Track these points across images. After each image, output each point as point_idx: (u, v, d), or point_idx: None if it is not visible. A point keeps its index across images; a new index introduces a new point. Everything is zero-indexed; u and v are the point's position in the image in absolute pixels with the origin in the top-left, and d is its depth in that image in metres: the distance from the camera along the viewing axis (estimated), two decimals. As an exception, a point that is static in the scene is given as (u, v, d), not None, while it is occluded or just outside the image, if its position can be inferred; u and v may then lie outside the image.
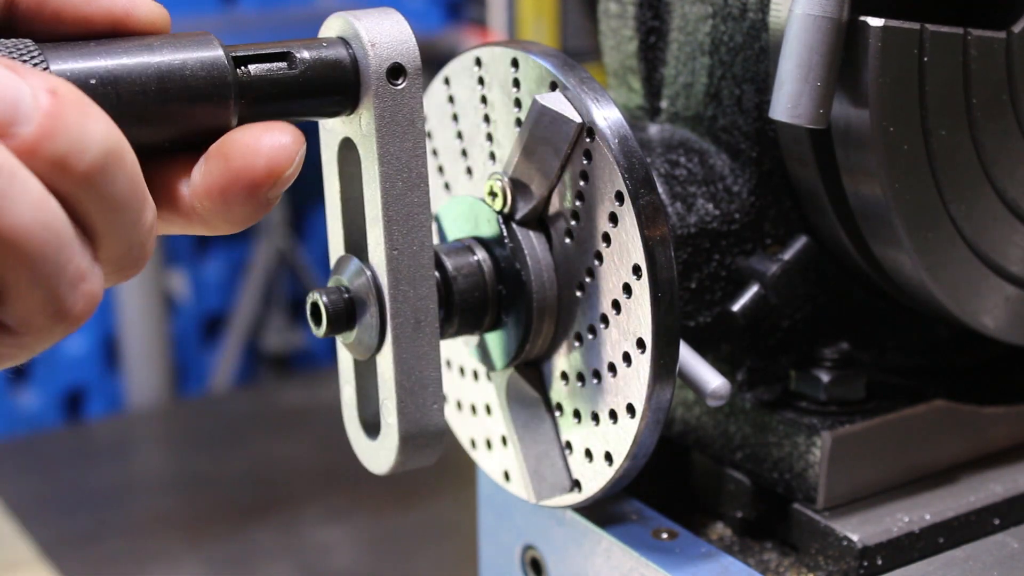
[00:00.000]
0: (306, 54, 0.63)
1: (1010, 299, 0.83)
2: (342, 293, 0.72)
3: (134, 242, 0.54)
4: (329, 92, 0.64)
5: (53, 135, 0.49)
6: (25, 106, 0.48)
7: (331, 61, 0.64)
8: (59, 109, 0.49)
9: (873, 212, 0.78)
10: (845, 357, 0.83)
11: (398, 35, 0.65)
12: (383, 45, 0.64)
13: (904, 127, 0.75)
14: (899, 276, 0.81)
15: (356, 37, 0.64)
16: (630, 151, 0.71)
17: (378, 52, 0.64)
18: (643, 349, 0.71)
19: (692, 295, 0.81)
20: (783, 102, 0.73)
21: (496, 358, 0.79)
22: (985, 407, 0.86)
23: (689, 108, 0.85)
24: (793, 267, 0.80)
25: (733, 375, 0.84)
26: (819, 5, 0.72)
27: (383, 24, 0.65)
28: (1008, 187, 0.80)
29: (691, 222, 0.81)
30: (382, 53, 0.64)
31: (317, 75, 0.63)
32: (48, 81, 0.50)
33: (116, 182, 0.51)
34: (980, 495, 0.83)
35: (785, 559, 0.82)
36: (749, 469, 0.84)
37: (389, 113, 0.65)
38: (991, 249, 0.81)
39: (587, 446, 0.76)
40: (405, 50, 0.65)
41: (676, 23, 0.85)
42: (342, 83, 0.64)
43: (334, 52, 0.64)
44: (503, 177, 0.76)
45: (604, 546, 0.80)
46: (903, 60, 0.74)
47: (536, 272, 0.75)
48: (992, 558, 0.80)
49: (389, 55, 0.65)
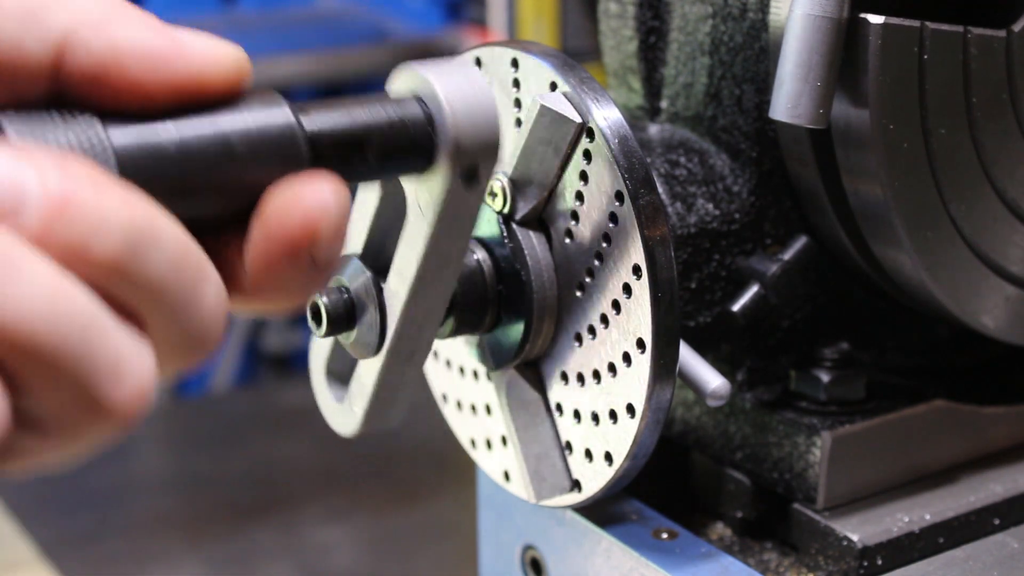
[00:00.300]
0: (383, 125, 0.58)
1: (1010, 299, 0.83)
2: (342, 293, 0.72)
3: (191, 323, 0.48)
4: (401, 164, 0.59)
5: (63, 219, 0.44)
6: (30, 189, 0.44)
7: (407, 136, 0.58)
8: (69, 189, 0.44)
9: (873, 212, 0.78)
10: (845, 357, 0.83)
11: (484, 126, 0.58)
12: (467, 138, 0.58)
13: (904, 126, 0.75)
14: (899, 276, 0.81)
15: (440, 117, 0.58)
16: (630, 151, 0.71)
17: (461, 148, 0.58)
18: (643, 349, 0.71)
19: (692, 295, 0.81)
20: (783, 102, 0.73)
21: (496, 358, 0.79)
22: (985, 407, 0.86)
23: (689, 108, 0.85)
24: (793, 267, 0.80)
25: (733, 375, 0.84)
26: (819, 5, 0.72)
27: (470, 108, 0.58)
28: (1008, 187, 0.80)
29: (691, 222, 0.81)
30: (464, 146, 0.58)
31: (393, 147, 0.58)
32: (58, 159, 0.45)
33: (150, 263, 0.46)
34: (980, 495, 0.83)
35: (785, 559, 0.82)
36: (749, 469, 0.84)
37: (452, 213, 0.61)
38: (991, 249, 0.81)
39: (587, 446, 0.76)
40: (486, 147, 0.59)
41: (676, 23, 0.85)
42: (415, 160, 0.59)
43: (412, 122, 0.58)
44: (503, 177, 0.76)
45: (604, 546, 0.80)
46: (903, 58, 0.74)
47: (536, 272, 0.75)
48: (992, 558, 0.80)
49: (471, 150, 0.58)
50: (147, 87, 0.50)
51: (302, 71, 3.02)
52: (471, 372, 0.85)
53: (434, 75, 0.58)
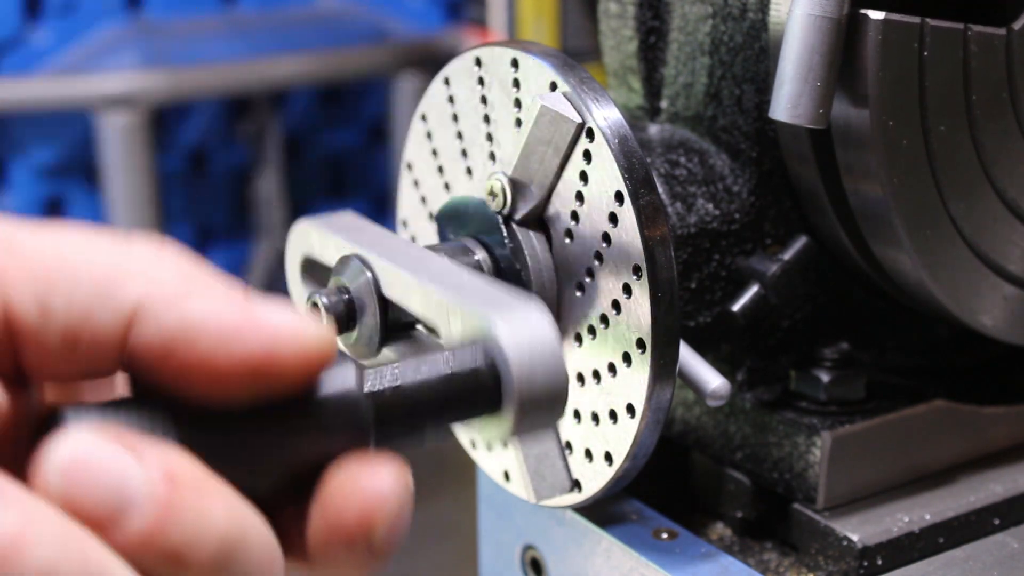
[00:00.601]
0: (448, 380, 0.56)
1: (1009, 298, 0.83)
2: (342, 294, 0.72)
3: None
4: (466, 415, 0.58)
5: (167, 528, 0.42)
6: (136, 494, 0.42)
7: (472, 390, 0.56)
8: (176, 497, 0.43)
9: (872, 210, 0.78)
10: (845, 357, 0.83)
11: (551, 378, 0.56)
12: (533, 392, 0.56)
13: (904, 123, 0.75)
14: (898, 275, 0.81)
15: (506, 369, 0.56)
16: (630, 151, 0.71)
17: (526, 401, 0.56)
18: (643, 349, 0.71)
19: (692, 295, 0.81)
20: (783, 102, 0.73)
21: (496, 358, 0.79)
22: (985, 407, 0.86)
23: (689, 108, 0.85)
24: (793, 267, 0.80)
25: (733, 375, 0.84)
26: (819, 5, 0.72)
27: (537, 359, 0.56)
28: (1008, 186, 0.80)
29: (691, 222, 0.81)
30: (530, 400, 0.56)
31: (457, 401, 0.57)
32: (165, 459, 0.43)
33: (239, 570, 0.45)
34: (980, 495, 0.83)
35: (785, 559, 0.82)
36: (749, 469, 0.84)
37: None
38: (990, 248, 0.81)
39: (587, 446, 0.76)
40: (552, 399, 0.57)
41: (676, 23, 0.85)
42: (480, 410, 0.57)
43: (477, 375, 0.56)
44: (503, 177, 0.76)
45: (604, 546, 0.80)
46: (903, 54, 0.74)
47: (536, 272, 0.75)
48: (992, 558, 0.80)
49: (536, 403, 0.57)
50: (217, 364, 0.47)
51: (302, 71, 3.02)
52: (471, 372, 0.84)
53: (501, 322, 0.57)
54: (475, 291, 0.61)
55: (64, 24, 2.94)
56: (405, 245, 0.71)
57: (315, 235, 0.75)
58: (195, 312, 0.47)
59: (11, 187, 3.03)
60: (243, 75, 2.95)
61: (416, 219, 0.88)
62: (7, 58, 2.90)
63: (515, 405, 0.56)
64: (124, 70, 2.80)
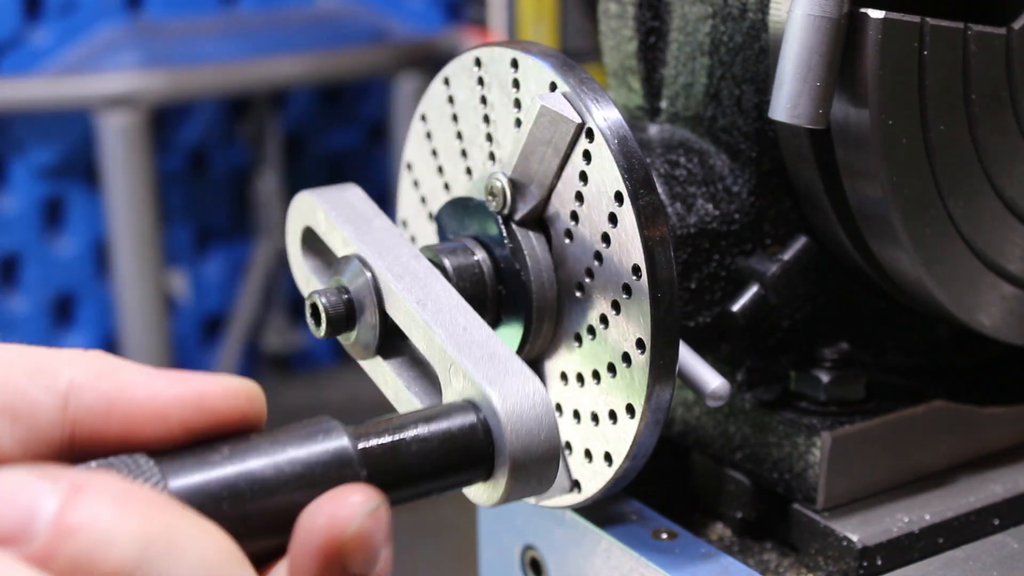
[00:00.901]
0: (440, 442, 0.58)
1: (1007, 297, 0.83)
2: (341, 294, 0.72)
3: None
4: (459, 479, 0.60)
5: (67, 537, 0.45)
6: (41, 511, 0.45)
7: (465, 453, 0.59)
8: (80, 507, 0.45)
9: (872, 209, 0.78)
10: (845, 357, 0.83)
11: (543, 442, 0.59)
12: (525, 455, 0.59)
13: (903, 121, 0.75)
14: (897, 274, 0.81)
15: (499, 432, 0.59)
16: (630, 151, 0.71)
17: (518, 464, 0.59)
18: (643, 349, 0.71)
19: (692, 295, 0.81)
20: (783, 102, 0.73)
21: (496, 358, 0.79)
22: (985, 407, 0.86)
23: (689, 108, 0.85)
24: (793, 267, 0.80)
25: (733, 375, 0.84)
26: (818, 5, 0.72)
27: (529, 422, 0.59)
28: (1006, 185, 0.80)
29: (691, 222, 0.81)
30: (522, 463, 0.59)
31: (450, 464, 0.59)
32: (78, 478, 0.46)
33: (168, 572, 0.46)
34: (980, 495, 0.83)
35: (785, 559, 0.82)
36: (749, 469, 0.84)
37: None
38: (988, 247, 0.81)
39: (587, 446, 0.76)
40: (544, 462, 0.60)
41: (676, 23, 0.85)
42: (474, 473, 0.60)
43: (470, 439, 0.59)
44: (503, 177, 0.76)
45: (604, 546, 0.80)
46: (903, 53, 0.74)
47: (536, 272, 0.75)
48: (992, 558, 0.80)
49: (528, 466, 0.59)
50: (157, 406, 0.52)
51: (302, 71, 3.02)
52: (471, 372, 0.85)
53: (499, 393, 0.59)
54: (478, 346, 0.62)
55: (64, 24, 2.94)
56: (408, 255, 0.71)
57: (322, 218, 0.75)
58: (126, 377, 0.53)
59: (11, 187, 3.03)
60: (243, 75, 2.95)
61: (416, 219, 0.88)
62: (7, 58, 2.91)
63: (508, 474, 0.59)
64: (124, 70, 2.81)
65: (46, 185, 3.05)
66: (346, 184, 0.77)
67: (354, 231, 0.73)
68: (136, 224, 2.83)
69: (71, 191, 3.08)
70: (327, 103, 3.45)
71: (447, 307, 0.67)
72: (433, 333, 0.65)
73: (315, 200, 0.76)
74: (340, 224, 0.73)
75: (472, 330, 0.64)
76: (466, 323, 0.65)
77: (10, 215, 3.02)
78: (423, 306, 0.67)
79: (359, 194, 0.76)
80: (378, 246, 0.71)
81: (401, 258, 0.71)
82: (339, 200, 0.75)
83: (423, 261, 0.71)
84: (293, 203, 0.79)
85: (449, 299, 0.68)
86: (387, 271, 0.70)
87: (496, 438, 0.59)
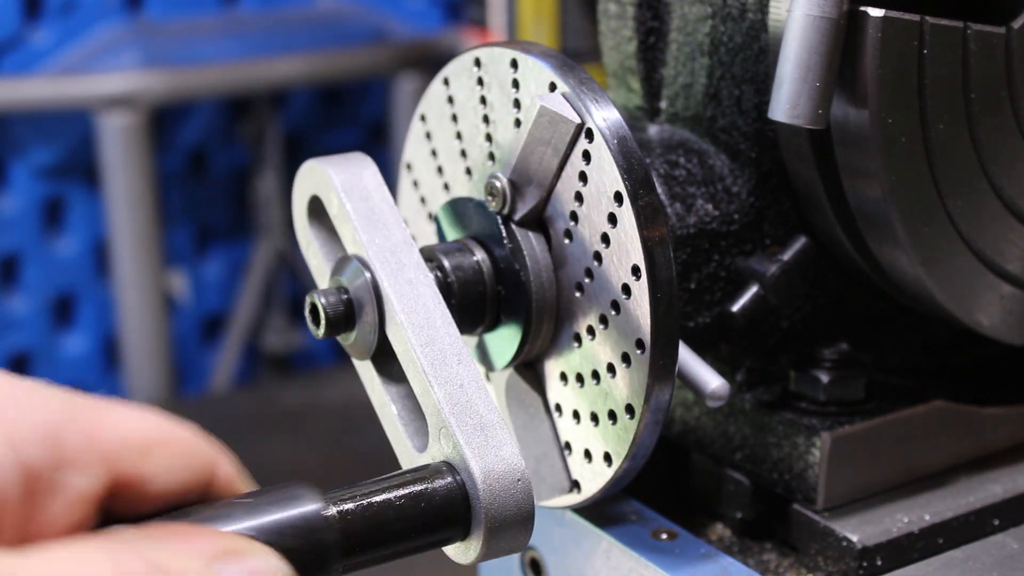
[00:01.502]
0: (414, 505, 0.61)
1: (1005, 297, 0.83)
2: (341, 294, 0.72)
3: None
4: (436, 540, 0.63)
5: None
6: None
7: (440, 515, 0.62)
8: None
9: (871, 208, 0.78)
10: (845, 357, 0.83)
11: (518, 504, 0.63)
12: (500, 517, 0.63)
13: (902, 119, 0.75)
14: (896, 273, 0.81)
15: (474, 492, 0.63)
16: (629, 152, 0.70)
17: (494, 526, 0.63)
18: (642, 349, 0.71)
19: (691, 295, 0.81)
20: (782, 102, 0.73)
21: (495, 358, 0.79)
22: (985, 407, 0.86)
23: (688, 108, 0.85)
24: (792, 267, 0.80)
25: (733, 375, 0.84)
26: (818, 6, 0.72)
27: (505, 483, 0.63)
28: (1005, 184, 0.80)
29: (690, 223, 0.81)
30: (497, 524, 0.63)
31: (425, 525, 0.62)
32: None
33: None
34: (980, 495, 0.83)
35: (785, 559, 0.82)
36: (749, 469, 0.84)
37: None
38: (987, 246, 0.81)
39: (586, 447, 0.76)
40: (519, 524, 0.63)
41: (675, 23, 0.85)
42: (450, 533, 0.63)
43: (445, 500, 0.62)
44: (502, 177, 0.76)
45: (604, 547, 0.80)
46: (903, 52, 0.74)
47: (535, 272, 0.75)
48: (992, 558, 0.80)
49: (503, 527, 0.63)
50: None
51: (302, 71, 3.02)
52: (470, 372, 0.84)
53: (477, 459, 0.63)
54: (470, 412, 0.65)
55: (64, 24, 2.94)
56: (417, 275, 0.70)
57: (335, 203, 0.73)
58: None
59: (11, 187, 3.03)
60: (243, 75, 2.95)
61: (416, 219, 0.88)
62: (7, 58, 2.91)
63: (483, 537, 0.62)
64: (124, 70, 2.80)
65: (46, 185, 3.04)
66: (359, 157, 0.75)
67: (367, 236, 0.71)
68: (136, 224, 2.83)
69: (71, 191, 3.08)
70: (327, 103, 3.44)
71: (449, 353, 0.68)
72: (431, 387, 0.66)
73: (329, 178, 0.73)
74: (354, 220, 0.72)
75: (467, 387, 0.66)
76: (464, 378, 0.67)
77: (10, 215, 3.02)
78: (425, 350, 0.67)
79: (374, 178, 0.74)
80: (387, 264, 0.70)
81: (410, 281, 0.70)
82: (354, 184, 0.73)
83: (430, 283, 0.71)
84: (303, 171, 0.76)
85: (452, 342, 0.68)
86: (393, 296, 0.69)
87: (474, 505, 0.63)
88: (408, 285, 0.70)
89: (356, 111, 3.49)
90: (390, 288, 0.69)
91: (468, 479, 0.62)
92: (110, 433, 0.55)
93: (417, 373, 0.67)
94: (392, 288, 0.69)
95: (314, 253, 0.77)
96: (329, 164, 0.74)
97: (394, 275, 0.70)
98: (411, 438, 0.71)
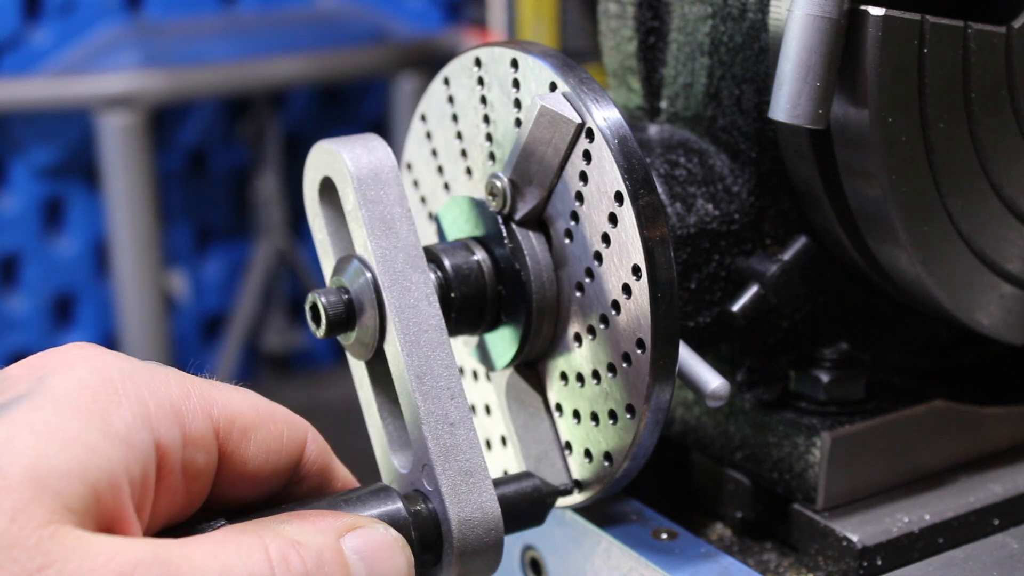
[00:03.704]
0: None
1: (1005, 297, 0.83)
2: (341, 294, 0.72)
3: None
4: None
5: None
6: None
7: (412, 540, 0.65)
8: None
9: (871, 207, 0.78)
10: (845, 357, 0.83)
11: (488, 540, 0.67)
12: (470, 550, 0.66)
13: (903, 118, 0.75)
14: (896, 273, 0.81)
15: (445, 521, 0.66)
16: (629, 152, 0.70)
17: (465, 557, 0.66)
18: (643, 349, 0.71)
19: (692, 295, 0.81)
20: (782, 102, 0.73)
21: (496, 358, 0.79)
22: (985, 407, 0.86)
23: (689, 108, 0.85)
24: (793, 267, 0.80)
25: (733, 375, 0.84)
26: (818, 5, 0.72)
27: (476, 519, 0.67)
28: (1005, 184, 0.80)
29: (691, 222, 0.81)
30: (467, 555, 0.66)
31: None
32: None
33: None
34: (980, 495, 0.83)
35: (785, 559, 0.82)
36: (749, 469, 0.84)
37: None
38: (987, 245, 0.81)
39: (587, 446, 0.76)
40: (487, 557, 0.67)
41: (676, 23, 0.85)
42: (422, 557, 0.66)
43: (417, 525, 0.66)
44: (503, 177, 0.76)
45: (604, 546, 0.80)
46: (903, 50, 0.74)
47: (536, 272, 0.75)
48: (992, 558, 0.80)
49: (473, 559, 0.66)
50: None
51: (302, 71, 3.02)
52: (471, 372, 0.85)
53: (455, 506, 0.66)
54: (457, 455, 0.67)
55: (64, 24, 2.94)
56: (422, 295, 0.70)
57: (351, 197, 0.71)
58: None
59: (11, 187, 3.03)
60: (243, 75, 2.95)
61: (416, 219, 0.88)
62: (7, 58, 2.91)
63: (454, 562, 0.65)
64: (124, 70, 2.80)
65: (46, 185, 3.04)
66: (375, 141, 0.72)
67: (375, 244, 0.70)
68: (136, 224, 2.83)
69: (71, 191, 3.08)
70: (327, 103, 3.44)
71: (443, 387, 0.68)
72: (421, 423, 0.67)
73: (344, 167, 0.71)
74: (367, 225, 0.70)
75: (457, 429, 0.67)
76: (454, 416, 0.68)
77: (10, 215, 3.02)
78: (420, 381, 0.68)
79: (390, 171, 0.71)
80: (396, 284, 0.70)
81: (416, 304, 0.70)
82: (372, 180, 0.71)
83: (435, 305, 0.70)
84: (315, 151, 0.73)
85: (447, 375, 0.69)
86: (396, 315, 0.69)
87: (445, 548, 0.66)
88: (412, 310, 0.69)
89: (356, 111, 3.49)
90: (393, 311, 0.69)
91: (444, 520, 0.66)
92: (220, 411, 0.59)
93: (409, 403, 0.68)
94: (395, 312, 0.69)
95: (319, 227, 0.76)
96: (341, 146, 0.71)
97: (400, 297, 0.69)
98: (395, 454, 0.71)
